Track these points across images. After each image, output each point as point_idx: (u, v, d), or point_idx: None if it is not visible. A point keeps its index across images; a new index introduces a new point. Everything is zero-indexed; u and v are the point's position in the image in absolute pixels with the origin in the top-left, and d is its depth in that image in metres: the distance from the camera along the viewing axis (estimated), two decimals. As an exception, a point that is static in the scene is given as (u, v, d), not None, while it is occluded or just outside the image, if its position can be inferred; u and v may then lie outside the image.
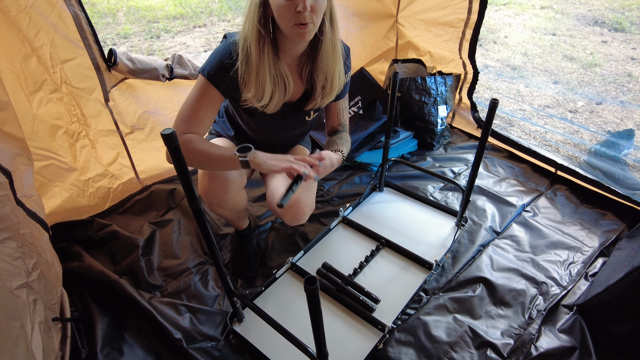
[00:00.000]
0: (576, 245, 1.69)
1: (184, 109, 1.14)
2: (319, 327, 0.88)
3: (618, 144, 2.23)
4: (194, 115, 1.13)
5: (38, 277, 1.14)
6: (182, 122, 1.13)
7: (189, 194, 0.94)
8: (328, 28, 1.12)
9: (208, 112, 1.15)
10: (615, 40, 4.12)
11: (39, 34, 1.42)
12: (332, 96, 1.28)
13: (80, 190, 1.72)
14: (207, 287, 1.52)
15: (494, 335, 1.35)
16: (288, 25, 1.04)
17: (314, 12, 1.03)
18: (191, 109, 1.13)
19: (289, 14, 1.01)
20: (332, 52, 1.17)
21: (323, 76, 1.21)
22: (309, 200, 1.36)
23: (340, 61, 1.21)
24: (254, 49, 1.07)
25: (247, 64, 1.10)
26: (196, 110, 1.13)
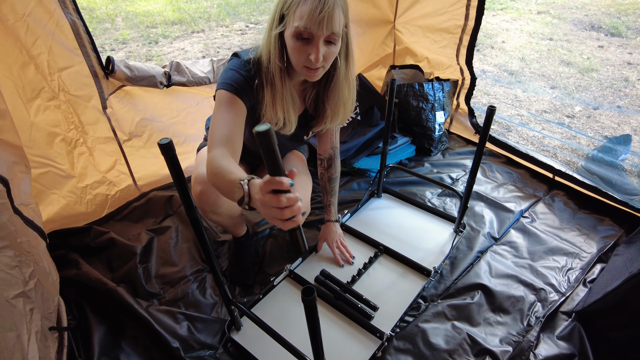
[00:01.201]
0: (574, 251, 1.69)
1: (214, 126, 1.07)
2: (316, 337, 0.88)
3: (615, 150, 2.24)
4: (226, 128, 1.05)
5: (35, 286, 1.14)
6: (214, 139, 1.03)
7: (186, 202, 0.94)
8: (342, 64, 1.13)
9: (238, 125, 1.08)
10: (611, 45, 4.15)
11: (36, 42, 1.42)
12: (340, 122, 1.30)
13: (78, 198, 1.72)
14: (205, 295, 1.52)
15: (493, 342, 1.34)
16: (298, 65, 1.06)
17: (325, 60, 1.04)
18: (222, 122, 1.06)
19: (301, 57, 1.03)
20: (345, 85, 1.18)
21: (334, 104, 1.22)
22: (305, 202, 1.37)
23: (353, 92, 1.22)
24: (278, 79, 1.09)
25: (271, 91, 1.10)
26: (228, 122, 1.06)
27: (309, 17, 0.96)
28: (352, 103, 1.26)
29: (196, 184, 1.25)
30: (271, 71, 1.08)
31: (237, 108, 1.08)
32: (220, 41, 4.65)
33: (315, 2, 0.96)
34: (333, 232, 1.63)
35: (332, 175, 1.53)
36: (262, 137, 0.58)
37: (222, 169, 0.91)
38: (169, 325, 1.36)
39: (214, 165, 0.94)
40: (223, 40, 4.69)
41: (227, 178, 0.87)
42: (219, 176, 0.91)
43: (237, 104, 1.08)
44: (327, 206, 1.61)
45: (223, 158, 0.96)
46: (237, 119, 1.08)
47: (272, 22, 1.06)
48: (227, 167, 0.91)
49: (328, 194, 1.57)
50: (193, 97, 1.95)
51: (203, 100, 1.98)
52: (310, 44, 1.01)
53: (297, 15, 0.98)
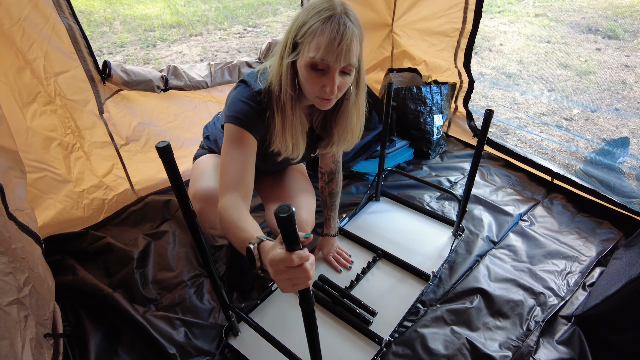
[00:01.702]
0: (573, 255, 1.68)
1: (225, 165, 1.04)
2: (314, 343, 0.87)
3: (613, 152, 2.24)
4: (237, 168, 1.03)
5: (29, 292, 1.12)
6: (225, 183, 1.02)
7: (184, 207, 0.93)
8: (353, 92, 1.10)
9: (249, 159, 1.06)
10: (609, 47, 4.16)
11: (32, 47, 1.41)
12: (347, 148, 1.27)
13: (75, 202, 1.71)
14: (202, 300, 1.50)
15: (492, 347, 1.33)
16: (311, 95, 1.03)
17: (340, 90, 1.01)
18: (233, 162, 1.03)
19: (314, 87, 0.99)
20: (354, 111, 1.15)
21: (342, 130, 1.19)
22: (310, 218, 1.37)
23: (361, 119, 1.19)
24: (289, 107, 1.05)
25: (281, 119, 1.07)
26: (239, 161, 1.04)
27: (326, 49, 0.92)
28: (360, 130, 1.22)
29: (195, 201, 1.23)
30: (282, 100, 1.04)
31: (248, 145, 1.05)
32: (218, 44, 4.65)
33: (332, 33, 0.91)
34: (330, 245, 1.63)
35: (333, 189, 1.51)
36: (282, 222, 0.60)
37: (234, 224, 0.91)
38: (166, 331, 1.35)
39: (226, 218, 0.94)
40: (221, 43, 4.69)
41: (239, 236, 0.88)
42: (230, 231, 0.91)
43: (248, 140, 1.05)
44: (327, 220, 1.60)
45: (234, 208, 0.95)
46: (248, 157, 1.05)
47: (283, 49, 1.01)
48: (239, 222, 0.91)
49: (328, 208, 1.56)
50: (190, 101, 1.94)
51: (200, 104, 1.98)
52: (326, 75, 0.97)
53: (313, 45, 0.94)
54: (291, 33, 0.98)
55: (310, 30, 0.93)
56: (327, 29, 0.92)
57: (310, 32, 0.94)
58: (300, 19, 0.97)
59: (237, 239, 0.89)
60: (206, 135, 1.48)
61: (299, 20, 0.97)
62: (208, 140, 1.46)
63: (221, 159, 1.06)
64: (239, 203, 0.98)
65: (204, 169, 1.34)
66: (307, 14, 0.95)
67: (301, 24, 0.96)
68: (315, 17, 0.93)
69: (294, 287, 0.71)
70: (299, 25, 0.96)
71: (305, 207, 1.36)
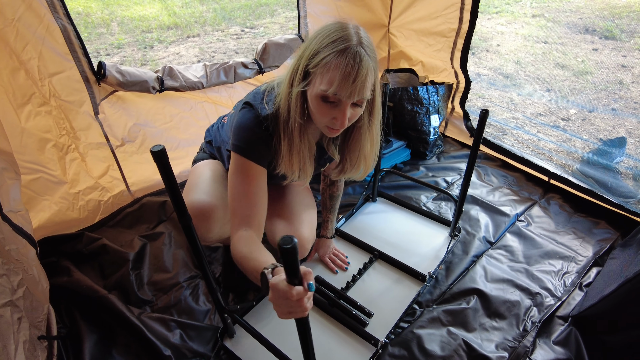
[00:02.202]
0: (570, 255, 1.68)
1: (235, 200, 1.04)
2: (308, 346, 0.86)
3: (610, 152, 2.24)
4: (247, 204, 1.03)
5: (23, 294, 1.12)
6: (237, 219, 1.02)
7: (179, 210, 0.93)
8: (365, 119, 1.07)
9: (259, 192, 1.05)
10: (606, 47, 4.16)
11: (26, 48, 1.41)
12: (359, 177, 1.25)
13: (70, 204, 1.70)
14: (198, 302, 1.50)
15: (489, 348, 1.33)
16: (320, 124, 1.01)
17: (350, 120, 0.99)
18: (242, 197, 1.03)
19: (324, 118, 0.97)
20: (368, 138, 1.12)
21: (354, 157, 1.16)
22: (311, 236, 1.39)
23: (375, 148, 1.17)
24: (297, 135, 1.02)
25: (288, 145, 1.04)
26: (247, 196, 1.03)
27: (340, 85, 0.89)
28: (374, 159, 1.19)
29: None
30: (290, 127, 1.01)
31: (256, 177, 1.05)
32: (216, 45, 4.65)
33: (347, 68, 0.87)
34: (326, 247, 1.62)
35: (334, 192, 1.51)
36: (285, 253, 0.61)
37: (247, 257, 0.94)
38: (161, 332, 1.34)
39: (239, 251, 0.97)
40: (218, 44, 4.68)
41: (252, 265, 0.90)
42: (244, 263, 0.94)
43: (256, 171, 1.04)
44: (325, 222, 1.59)
45: (247, 243, 0.97)
46: (258, 191, 1.05)
47: (293, 76, 0.97)
48: (252, 254, 0.94)
49: (327, 211, 1.56)
50: (186, 102, 1.94)
51: (196, 105, 1.97)
52: (336, 107, 0.94)
53: (326, 79, 0.90)
54: (303, 60, 0.94)
55: (324, 62, 0.89)
56: (342, 64, 0.87)
57: (324, 64, 0.90)
58: (313, 46, 0.92)
59: (250, 268, 0.91)
60: (208, 140, 1.45)
61: (311, 47, 0.93)
62: (210, 145, 1.44)
63: (229, 190, 1.05)
64: (253, 238, 0.99)
65: (200, 177, 1.32)
66: (321, 42, 0.91)
67: (314, 52, 0.92)
68: (329, 48, 0.89)
69: (289, 314, 0.73)
70: (312, 54, 0.92)
71: (307, 224, 1.37)
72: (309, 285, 0.70)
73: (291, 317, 0.74)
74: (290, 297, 0.68)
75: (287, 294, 0.69)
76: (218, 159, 1.42)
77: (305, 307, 0.71)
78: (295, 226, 1.34)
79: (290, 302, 0.70)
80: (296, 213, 1.37)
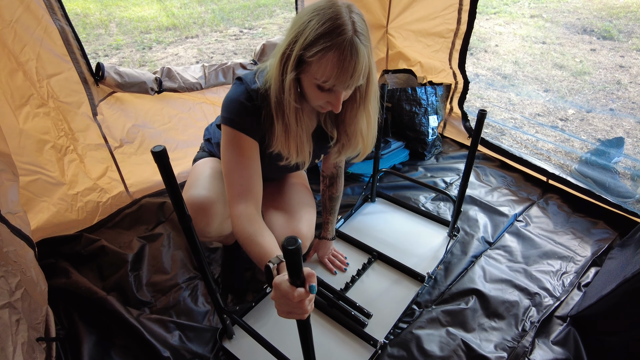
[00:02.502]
0: (569, 255, 1.68)
1: (229, 173, 1.03)
2: (308, 346, 0.86)
3: (608, 152, 2.24)
4: (242, 175, 1.02)
5: (22, 296, 1.12)
6: (233, 192, 1.01)
7: (179, 210, 0.92)
8: (359, 99, 1.06)
9: (252, 164, 1.04)
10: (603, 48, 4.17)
11: (24, 49, 1.40)
12: (358, 157, 1.24)
13: (69, 205, 1.70)
14: (197, 303, 1.50)
15: (487, 348, 1.33)
16: (314, 104, 1.02)
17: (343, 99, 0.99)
18: (236, 168, 1.02)
19: (319, 101, 0.98)
20: (363, 113, 1.10)
21: (351, 131, 1.15)
22: (310, 232, 1.37)
23: (373, 125, 1.15)
24: (293, 120, 1.01)
25: (285, 130, 1.03)
26: (241, 167, 1.02)
27: (337, 77, 0.89)
28: (372, 139, 1.18)
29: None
30: (285, 112, 1.00)
31: (249, 149, 1.03)
32: (215, 46, 4.65)
33: (345, 63, 0.87)
34: (326, 248, 1.62)
35: (333, 194, 1.50)
36: (289, 254, 0.61)
37: (250, 239, 0.94)
38: (160, 334, 1.34)
39: (242, 232, 0.96)
40: (217, 45, 4.69)
41: (257, 251, 0.92)
42: (247, 245, 0.95)
43: (247, 143, 1.03)
44: (325, 224, 1.59)
45: (250, 222, 0.96)
46: (252, 162, 1.04)
47: (284, 62, 0.94)
48: (256, 237, 0.94)
49: (327, 212, 1.55)
50: (185, 103, 1.93)
51: (195, 105, 1.97)
52: (332, 94, 0.95)
53: (322, 71, 0.89)
54: (297, 48, 0.90)
55: (320, 54, 0.88)
56: (339, 58, 0.87)
57: (320, 56, 0.88)
58: (308, 34, 0.88)
59: (255, 253, 0.92)
60: (207, 138, 1.46)
61: (306, 35, 0.89)
62: (209, 143, 1.44)
63: (223, 165, 1.04)
64: (254, 215, 0.98)
65: (200, 173, 1.32)
66: (316, 31, 0.88)
67: (309, 41, 0.88)
68: (325, 39, 0.87)
69: (289, 315, 0.74)
70: (307, 43, 0.89)
71: (306, 222, 1.36)
72: (310, 287, 0.70)
73: (291, 317, 0.74)
74: (292, 299, 0.69)
75: (288, 294, 0.69)
76: (217, 157, 1.42)
77: (306, 309, 0.71)
78: (294, 223, 1.32)
79: (291, 302, 0.70)
80: (296, 210, 1.37)
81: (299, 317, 0.75)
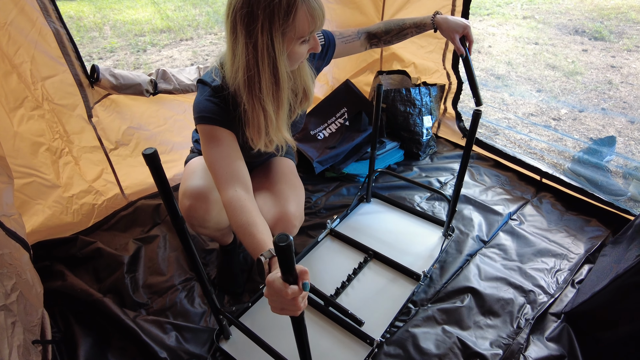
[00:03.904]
0: (562, 253, 1.70)
1: (213, 165, 1.04)
2: (304, 346, 0.87)
3: (600, 151, 2.27)
4: (226, 163, 1.03)
5: (17, 298, 1.11)
6: (221, 181, 1.02)
7: (172, 212, 0.93)
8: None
9: (233, 152, 1.06)
10: (595, 48, 4.21)
11: (18, 51, 1.40)
12: (309, 103, 1.25)
13: (64, 208, 1.69)
14: (194, 304, 1.50)
15: (483, 345, 1.34)
16: (299, 60, 1.06)
17: None
18: (218, 161, 1.04)
19: (304, 55, 1.04)
20: (307, 69, 1.17)
21: (301, 90, 1.19)
22: (298, 212, 1.35)
23: (310, 73, 1.20)
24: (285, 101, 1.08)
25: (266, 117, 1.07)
26: (223, 156, 1.04)
27: (314, 21, 0.96)
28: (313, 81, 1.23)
29: (184, 198, 1.23)
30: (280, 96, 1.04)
31: (226, 139, 1.05)
32: (209, 48, 4.65)
33: (310, 4, 0.94)
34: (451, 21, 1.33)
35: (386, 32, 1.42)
36: (281, 251, 0.61)
37: (244, 228, 0.93)
38: (157, 335, 1.34)
39: (235, 220, 0.95)
40: (212, 47, 4.69)
41: (250, 241, 0.91)
42: (240, 234, 0.94)
43: (223, 134, 1.05)
44: (413, 21, 1.40)
45: (243, 210, 0.95)
46: (232, 150, 1.05)
47: (265, 48, 0.96)
48: (249, 227, 0.92)
49: (399, 21, 1.42)
50: (180, 105, 1.94)
51: (190, 107, 1.97)
52: (309, 41, 1.02)
53: (301, 26, 0.95)
54: (275, 28, 0.94)
55: (295, 15, 0.93)
56: (307, 7, 0.94)
57: (295, 17, 0.93)
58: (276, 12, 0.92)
59: (248, 244, 0.92)
60: (196, 139, 1.47)
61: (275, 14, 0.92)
62: (198, 143, 1.45)
63: (206, 161, 1.05)
64: (245, 201, 0.98)
65: (194, 168, 1.33)
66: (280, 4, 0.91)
67: (282, 16, 0.92)
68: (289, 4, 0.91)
69: (282, 311, 0.74)
70: (282, 18, 0.93)
71: (294, 200, 1.34)
72: (304, 284, 0.70)
73: (284, 313, 0.75)
74: (285, 296, 0.69)
75: (282, 292, 0.69)
76: None
77: (299, 307, 0.72)
78: (282, 202, 1.31)
79: (284, 299, 0.70)
80: (282, 189, 1.36)
81: (292, 314, 0.75)
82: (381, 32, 1.41)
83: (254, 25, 0.93)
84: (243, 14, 0.93)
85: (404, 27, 1.41)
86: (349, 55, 1.44)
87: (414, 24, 1.39)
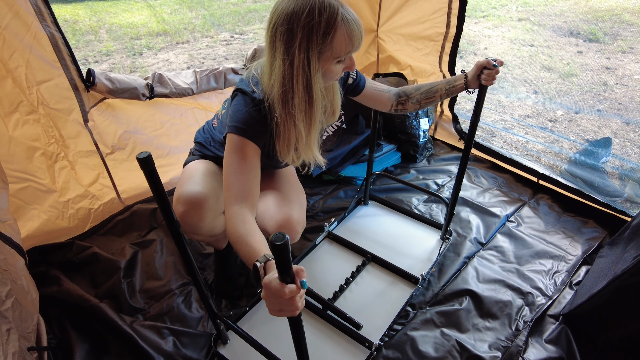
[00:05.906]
0: (560, 254, 1.70)
1: (229, 175, 1.04)
2: (302, 350, 0.86)
3: (596, 152, 2.27)
4: (242, 180, 1.03)
5: (12, 305, 1.10)
6: (231, 194, 1.02)
7: (167, 217, 0.92)
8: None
9: (253, 170, 1.06)
10: (590, 50, 4.24)
11: (13, 55, 1.39)
12: (334, 118, 1.27)
13: (60, 212, 1.68)
14: (191, 309, 1.49)
15: (482, 348, 1.34)
16: (334, 79, 1.08)
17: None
18: (237, 173, 1.03)
19: (339, 73, 1.06)
20: (337, 85, 1.19)
21: (329, 106, 1.20)
22: (301, 218, 1.35)
23: (339, 90, 1.22)
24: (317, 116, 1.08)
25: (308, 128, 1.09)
26: (242, 172, 1.04)
27: (352, 42, 0.98)
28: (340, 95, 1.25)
29: (178, 204, 1.22)
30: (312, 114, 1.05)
31: (251, 155, 1.06)
32: (205, 52, 4.64)
33: (349, 26, 0.96)
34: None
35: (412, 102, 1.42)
36: (277, 250, 0.61)
37: (242, 239, 0.93)
38: (154, 340, 1.33)
39: (234, 231, 0.95)
40: (208, 50, 4.68)
41: (246, 250, 0.90)
42: (237, 244, 0.93)
43: (251, 149, 1.05)
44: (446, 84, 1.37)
45: (243, 222, 0.96)
46: (252, 168, 1.05)
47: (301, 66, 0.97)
48: (247, 237, 0.92)
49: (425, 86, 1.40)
50: (176, 109, 1.93)
51: (186, 111, 1.97)
52: (345, 60, 1.04)
53: (339, 46, 0.97)
54: (312, 47, 0.96)
55: (333, 36, 0.95)
56: (347, 28, 0.96)
57: (333, 37, 0.96)
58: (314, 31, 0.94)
59: (243, 253, 0.91)
60: (197, 141, 1.46)
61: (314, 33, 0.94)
62: (199, 145, 1.44)
63: (224, 169, 1.05)
64: (247, 216, 0.98)
65: (191, 173, 1.32)
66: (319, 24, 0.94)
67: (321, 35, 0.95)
68: (328, 24, 0.94)
69: (280, 312, 0.73)
70: (320, 38, 0.95)
71: (298, 206, 1.35)
72: (301, 282, 0.70)
73: (282, 315, 0.74)
74: (283, 295, 0.68)
75: (279, 292, 0.68)
76: (210, 159, 1.42)
77: (297, 306, 0.71)
78: (285, 208, 1.32)
79: (282, 300, 0.69)
80: (285, 194, 1.37)
81: (290, 314, 0.74)
82: (412, 89, 1.43)
83: (292, 42, 0.95)
84: (283, 31, 0.95)
85: (434, 84, 1.41)
86: (371, 106, 1.49)
87: (445, 82, 1.39)
